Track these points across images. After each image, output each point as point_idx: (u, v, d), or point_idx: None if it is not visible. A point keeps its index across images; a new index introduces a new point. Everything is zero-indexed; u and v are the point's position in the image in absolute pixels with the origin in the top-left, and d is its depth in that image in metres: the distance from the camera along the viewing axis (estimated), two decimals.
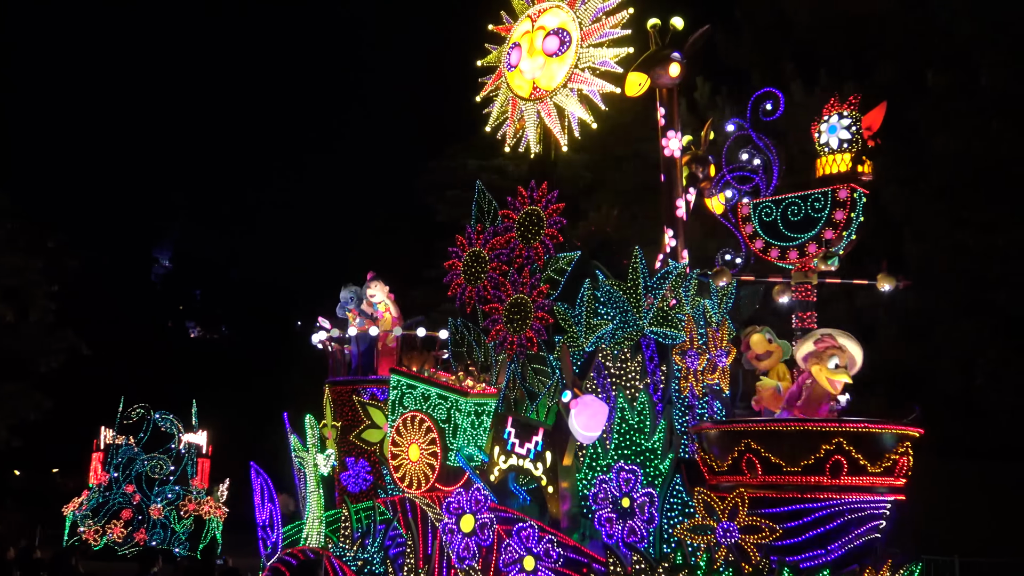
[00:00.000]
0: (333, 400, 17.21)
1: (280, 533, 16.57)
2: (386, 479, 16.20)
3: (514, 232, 15.58)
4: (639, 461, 13.50)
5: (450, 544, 14.17)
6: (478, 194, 16.34)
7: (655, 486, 13.27)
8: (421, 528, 14.79)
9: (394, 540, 15.03)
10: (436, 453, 15.08)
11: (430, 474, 15.11)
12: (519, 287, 15.34)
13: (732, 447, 12.51)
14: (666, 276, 13.94)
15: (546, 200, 15.33)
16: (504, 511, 13.97)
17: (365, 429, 16.86)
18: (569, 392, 13.50)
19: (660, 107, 14.58)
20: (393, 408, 15.82)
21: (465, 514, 14.12)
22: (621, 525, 13.21)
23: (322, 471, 16.22)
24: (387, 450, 16.57)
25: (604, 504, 13.43)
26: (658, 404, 13.81)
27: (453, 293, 16.18)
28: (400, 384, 15.74)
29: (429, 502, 14.86)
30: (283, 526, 16.99)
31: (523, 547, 13.44)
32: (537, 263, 15.31)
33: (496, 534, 13.81)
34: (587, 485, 14.03)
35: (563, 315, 14.80)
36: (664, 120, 14.47)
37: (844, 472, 12.07)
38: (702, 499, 12.46)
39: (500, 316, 15.45)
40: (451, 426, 15.02)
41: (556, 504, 13.67)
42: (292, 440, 16.75)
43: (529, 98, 16.46)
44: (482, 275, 15.83)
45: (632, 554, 12.60)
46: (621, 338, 14.20)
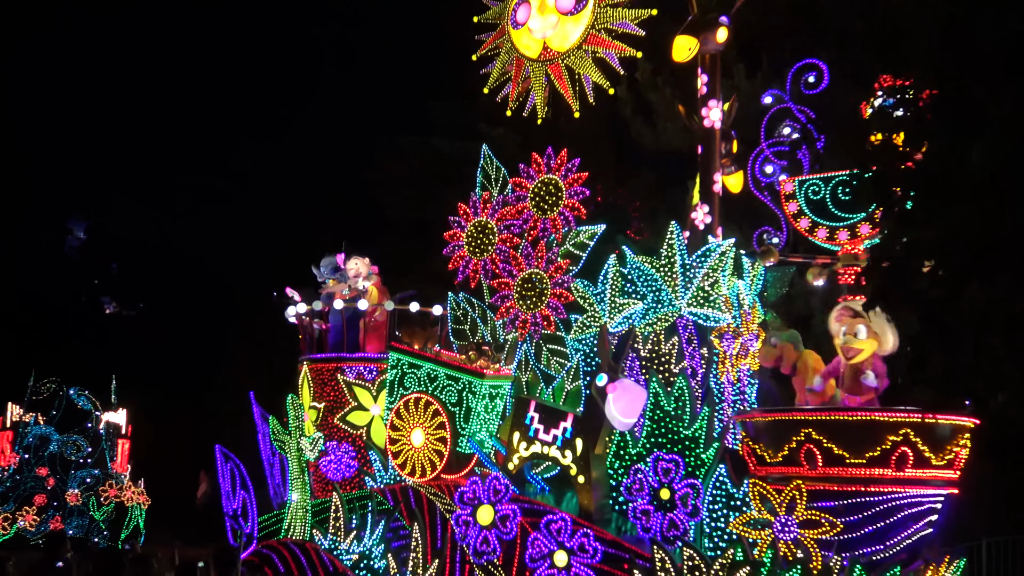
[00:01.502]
0: (312, 379, 16.07)
1: (256, 523, 15.40)
2: (375, 466, 15.20)
3: (528, 202, 14.73)
4: (677, 450, 12.88)
5: (465, 537, 13.32)
6: (484, 159, 15.46)
7: (696, 477, 12.67)
8: (428, 520, 13.88)
9: (396, 532, 14.06)
10: (445, 439, 14.18)
11: (437, 461, 14.21)
12: (533, 261, 14.52)
13: (788, 436, 12.00)
14: (707, 254, 13.32)
15: (565, 169, 14.52)
16: (530, 502, 13.18)
17: (350, 411, 15.79)
18: (605, 375, 12.77)
19: (702, 74, 13.93)
20: (391, 389, 14.83)
21: (482, 505, 13.29)
22: (660, 518, 12.58)
23: (308, 456, 15.09)
24: (375, 434, 15.61)
25: (640, 495, 12.79)
26: (698, 390, 13.18)
27: (455, 266, 15.26)
28: (401, 363, 14.76)
29: (437, 491, 13.94)
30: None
31: (553, 541, 12.71)
32: (555, 236, 14.51)
33: (520, 527, 13.02)
34: (615, 475, 13.36)
35: (583, 293, 14.07)
36: (706, 88, 13.82)
37: (909, 464, 11.70)
38: (758, 492, 11.93)
39: (511, 292, 14.61)
40: (462, 410, 14.12)
41: (588, 495, 12.95)
42: (271, 423, 15.56)
43: (538, 59, 15.62)
44: (489, 247, 14.96)
45: (684, 549, 11.96)
46: (654, 319, 13.54)
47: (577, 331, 14.10)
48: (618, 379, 12.77)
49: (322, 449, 15.22)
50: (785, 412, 12.31)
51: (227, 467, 15.89)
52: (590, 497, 12.99)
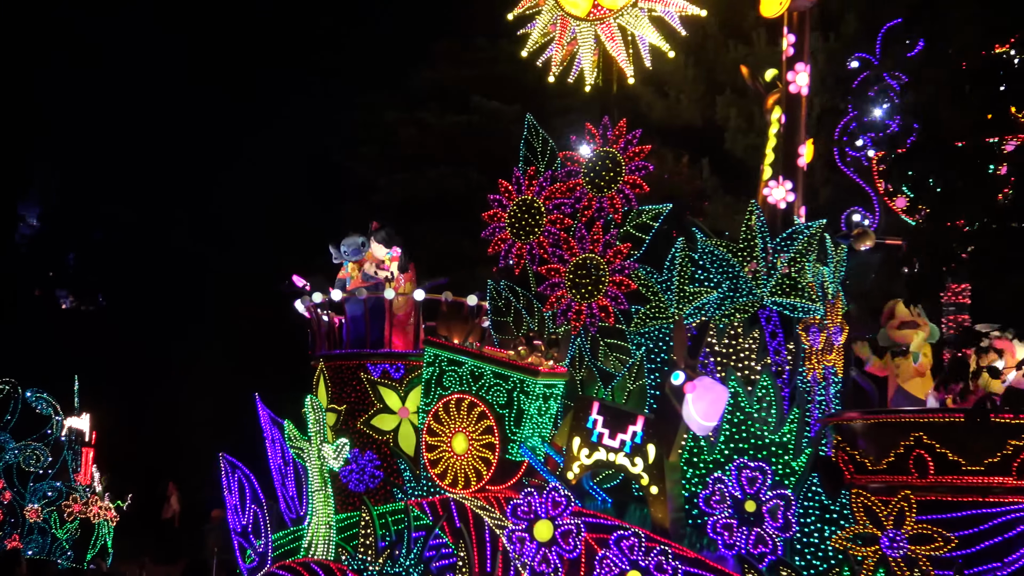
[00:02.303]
0: (331, 378, 15.61)
1: (270, 541, 14.92)
2: (404, 475, 14.78)
3: (581, 179, 14.37)
4: (762, 457, 12.59)
5: (520, 556, 12.95)
6: (528, 130, 15.07)
7: (786, 487, 12.38)
8: (475, 536, 13.49)
9: (437, 551, 13.64)
10: (493, 445, 13.78)
11: (483, 470, 13.81)
12: (588, 245, 14.17)
13: (895, 441, 11.74)
14: (794, 237, 13.02)
15: (625, 141, 14.17)
16: (595, 516, 12.83)
17: (375, 414, 15.36)
18: (681, 373, 12.43)
19: (788, 34, 13.62)
20: (428, 389, 14.41)
21: (540, 519, 12.93)
22: (745, 533, 12.30)
23: (331, 465, 14.64)
24: (403, 440, 15.20)
25: (721, 508, 12.51)
26: (784, 389, 12.89)
27: (495, 250, 14.87)
28: (439, 360, 14.34)
29: (485, 505, 13.55)
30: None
31: (625, 559, 12.38)
32: (613, 217, 14.16)
33: (585, 544, 12.68)
34: (687, 485, 13.07)
35: (646, 281, 13.75)
36: (793, 50, 13.51)
37: None
38: (861, 503, 11.66)
39: (562, 280, 14.25)
40: (513, 412, 13.74)
41: (663, 508, 12.63)
42: (287, 427, 15.08)
43: (586, 18, 15.29)
44: (536, 229, 14.59)
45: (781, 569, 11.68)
46: (731, 309, 13.24)
47: (639, 323, 13.79)
48: (697, 377, 12.42)
49: (348, 457, 14.75)
50: (891, 415, 12.04)
51: (234, 478, 15.38)
52: (665, 510, 12.68)
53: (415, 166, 34.05)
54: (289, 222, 35.80)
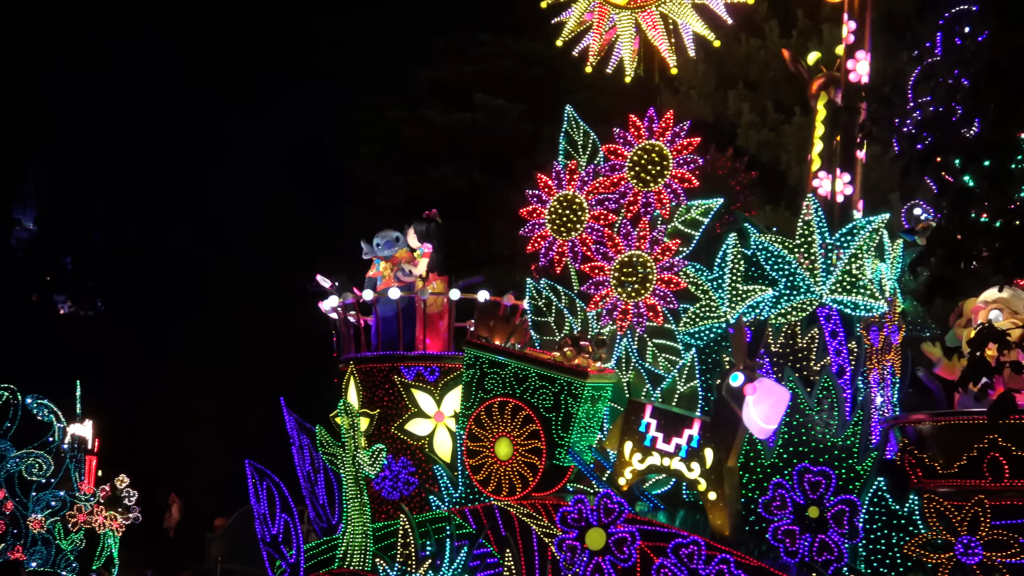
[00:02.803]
0: (362, 382, 15.20)
1: (301, 551, 14.51)
2: (440, 483, 14.39)
3: (625, 173, 14.02)
4: (824, 461, 12.25)
5: (572, 565, 12.58)
6: (568, 122, 14.73)
7: (850, 491, 12.05)
8: (522, 545, 13.12)
9: (482, 560, 13.27)
10: (539, 450, 13.41)
11: (529, 476, 13.43)
12: (634, 242, 13.83)
13: (968, 444, 11.41)
14: (854, 232, 12.69)
15: (672, 133, 13.84)
16: (650, 523, 12.48)
17: (409, 419, 14.97)
18: (740, 375, 12.08)
19: (848, 21, 13.30)
20: (468, 392, 14.02)
21: (592, 527, 12.57)
22: (808, 540, 11.96)
23: (367, 472, 14.24)
24: (439, 446, 14.84)
25: (782, 514, 12.17)
26: (845, 391, 12.56)
27: (535, 248, 14.51)
28: (480, 362, 13.96)
29: (532, 512, 13.18)
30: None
31: (684, 568, 12.03)
32: (660, 212, 13.83)
33: (640, 552, 12.32)
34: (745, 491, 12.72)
35: (695, 279, 13.42)
36: (853, 37, 13.19)
37: None
38: (934, 508, 11.35)
39: (607, 278, 13.91)
40: (560, 416, 13.36)
41: (722, 514, 12.27)
42: (319, 433, 14.67)
43: (626, 5, 14.97)
44: (578, 225, 14.24)
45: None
46: (788, 308, 12.91)
47: (688, 323, 13.46)
48: (757, 379, 12.09)
49: (384, 464, 14.36)
50: (963, 416, 11.71)
51: (262, 486, 14.95)
52: (724, 516, 12.32)
53: (418, 166, 33.74)
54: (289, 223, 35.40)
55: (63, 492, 22.40)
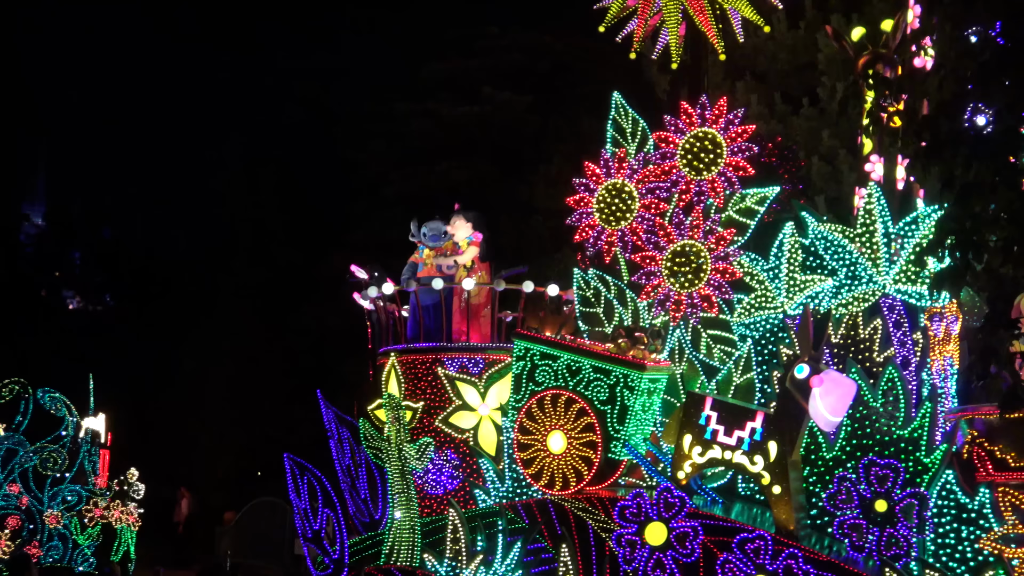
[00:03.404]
0: (404, 375, 14.84)
1: (346, 547, 14.14)
2: (486, 476, 14.05)
3: (677, 161, 13.71)
4: (889, 453, 11.98)
5: (631, 561, 12.27)
6: (616, 109, 14.40)
7: (918, 484, 11.78)
8: (578, 540, 12.79)
9: (536, 555, 12.94)
10: (594, 443, 13.08)
11: (584, 470, 13.12)
12: (686, 231, 13.53)
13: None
14: (919, 221, 12.43)
15: (726, 120, 13.53)
16: (713, 518, 12.18)
17: (454, 411, 14.63)
18: (806, 367, 11.79)
19: (914, 5, 13.01)
20: (518, 385, 13.69)
21: (652, 522, 12.25)
22: (876, 534, 11.69)
23: (414, 466, 13.89)
24: (483, 439, 14.51)
25: (848, 508, 11.90)
26: (911, 382, 12.29)
27: (583, 238, 14.19)
28: (531, 353, 13.62)
29: (587, 507, 12.86)
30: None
31: (750, 564, 11.73)
32: (714, 201, 13.53)
33: (703, 547, 12.02)
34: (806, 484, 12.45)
35: (750, 269, 13.15)
36: (919, 22, 12.90)
37: None
38: (1010, 502, 11.11)
39: (659, 268, 13.60)
40: (615, 408, 13.04)
41: (786, 508, 11.98)
42: (362, 426, 14.32)
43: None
44: (628, 215, 13.91)
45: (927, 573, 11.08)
46: (849, 299, 12.64)
47: (743, 314, 13.20)
48: (824, 371, 11.80)
49: (432, 457, 14.01)
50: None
51: (303, 480, 14.56)
52: (789, 510, 12.02)
53: (425, 158, 33.40)
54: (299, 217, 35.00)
55: (79, 486, 21.96)
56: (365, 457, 14.73)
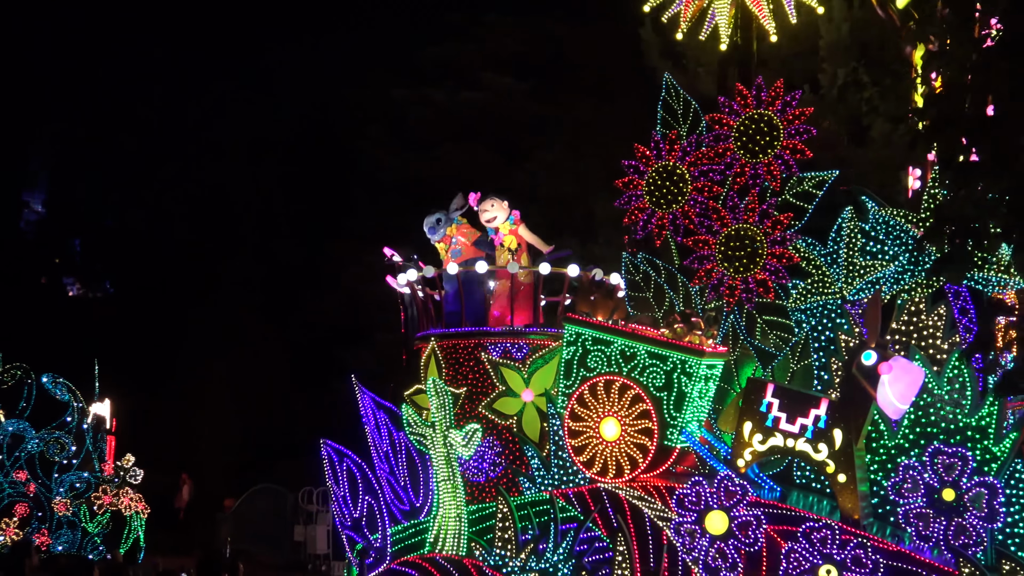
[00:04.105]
0: (445, 360, 14.41)
1: (388, 534, 13.71)
2: (533, 463, 13.64)
3: (731, 143, 13.35)
4: (955, 442, 11.69)
5: (691, 551, 11.92)
6: (667, 91, 14.01)
7: (986, 473, 11.49)
8: (634, 528, 12.42)
9: (590, 544, 12.57)
10: (650, 430, 12.71)
11: (638, 457, 12.74)
12: (741, 215, 13.17)
13: None
14: None
15: (782, 102, 13.17)
16: (776, 506, 11.87)
17: (498, 398, 14.21)
18: (874, 353, 11.49)
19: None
20: (568, 370, 13.29)
21: (712, 510, 11.91)
22: (943, 523, 11.40)
23: (461, 453, 13.47)
24: (528, 425, 14.12)
25: (914, 496, 11.60)
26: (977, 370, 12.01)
27: (632, 220, 13.79)
28: (582, 339, 13.22)
29: (643, 495, 12.50)
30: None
31: (817, 553, 11.41)
32: (771, 184, 13.18)
33: (767, 536, 11.70)
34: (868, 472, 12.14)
35: (807, 253, 12.82)
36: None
37: None
38: None
39: (712, 252, 13.24)
40: (672, 395, 12.67)
41: (852, 496, 11.69)
42: (405, 412, 13.88)
43: None
44: (680, 197, 13.54)
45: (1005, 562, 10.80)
46: (912, 284, 12.33)
47: (798, 299, 12.88)
48: (892, 357, 11.49)
49: (479, 445, 13.59)
50: None
51: (342, 467, 14.12)
52: (855, 499, 11.74)
53: (423, 145, 32.92)
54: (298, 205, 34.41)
55: (87, 473, 21.38)
56: (405, 443, 14.27)
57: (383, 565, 13.73)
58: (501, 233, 14.97)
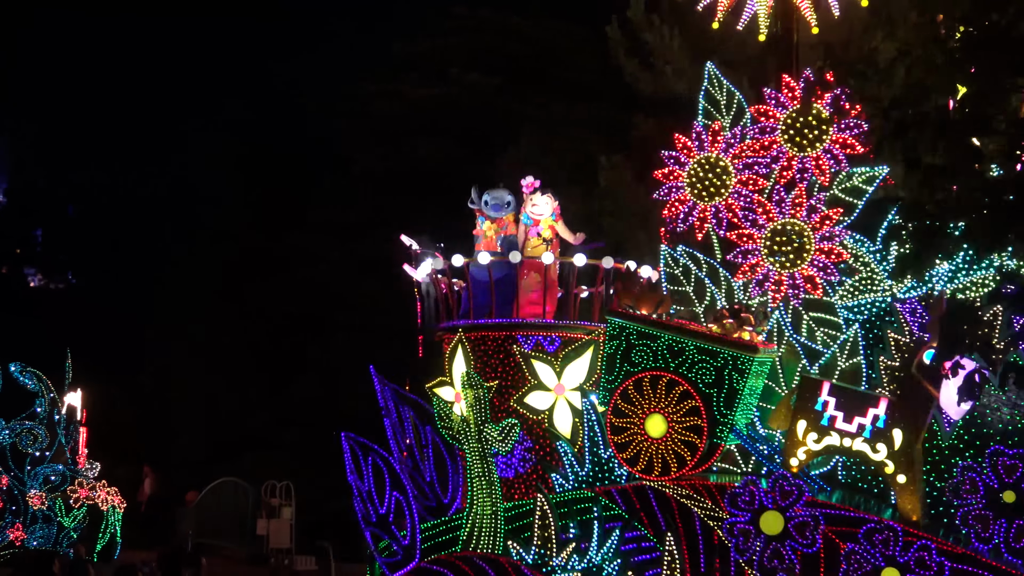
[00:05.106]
0: (474, 352, 13.79)
1: (417, 532, 13.07)
2: (564, 460, 13.09)
3: (778, 136, 12.95)
4: (1012, 443, 11.39)
5: (745, 551, 11.48)
6: (709, 81, 13.57)
7: None
8: (683, 528, 11.95)
9: (637, 543, 12.07)
10: (699, 427, 12.23)
11: (686, 455, 12.25)
12: (788, 209, 12.77)
13: None
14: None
15: (832, 95, 12.80)
16: (834, 507, 11.47)
17: (529, 391, 13.64)
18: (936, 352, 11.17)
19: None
20: (611, 365, 12.75)
21: (767, 510, 11.48)
22: (1003, 525, 11.10)
23: (497, 449, 12.87)
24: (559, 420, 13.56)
25: (973, 498, 11.28)
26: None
27: (673, 213, 13.33)
28: (626, 333, 12.69)
29: (691, 494, 12.03)
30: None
31: (878, 555, 11.04)
32: (819, 179, 12.80)
33: (825, 537, 11.30)
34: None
35: (855, 250, 12.48)
36: None
37: None
38: None
39: (757, 246, 12.82)
40: (723, 392, 12.21)
41: (912, 498, 11.35)
42: (436, 406, 13.24)
43: None
44: (722, 190, 13.10)
45: None
46: (967, 283, 12.04)
47: (845, 296, 12.53)
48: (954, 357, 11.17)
49: (516, 440, 12.99)
50: None
51: (367, 462, 13.42)
52: (915, 500, 11.40)
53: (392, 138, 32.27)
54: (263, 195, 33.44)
55: (60, 466, 20.32)
56: (432, 438, 13.61)
57: (412, 563, 13.07)
58: (541, 225, 14.40)
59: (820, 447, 11.83)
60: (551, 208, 14.49)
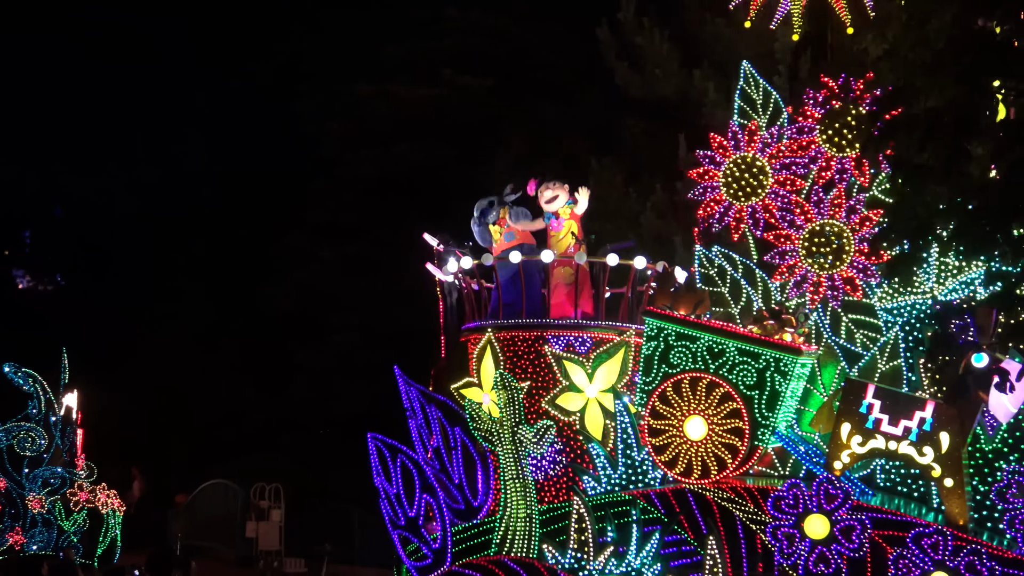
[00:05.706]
0: (504, 352, 13.50)
1: (449, 535, 12.75)
2: (596, 462, 12.80)
3: (816, 136, 12.76)
4: None
5: (789, 555, 11.27)
6: (745, 79, 13.36)
7: None
8: (724, 532, 11.71)
9: (678, 547, 11.82)
10: (740, 430, 12.00)
11: (727, 458, 12.02)
12: (827, 210, 12.58)
13: None
14: None
15: (873, 96, 12.63)
16: (880, 511, 11.27)
17: (561, 393, 13.36)
18: (985, 355, 11.00)
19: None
20: (648, 367, 12.49)
21: (812, 514, 11.28)
22: None
23: (532, 451, 12.58)
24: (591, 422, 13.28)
25: (1018, 501, 11.13)
26: None
27: (708, 213, 13.11)
28: (664, 333, 12.44)
29: (733, 497, 11.79)
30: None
31: (928, 560, 10.86)
32: (858, 180, 12.63)
33: (872, 541, 11.10)
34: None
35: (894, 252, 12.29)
36: None
37: None
38: None
39: (795, 247, 12.63)
40: (765, 394, 11.98)
41: (959, 501, 11.17)
42: (468, 407, 12.93)
43: None
44: (759, 190, 12.90)
45: None
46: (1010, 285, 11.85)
47: (885, 298, 12.36)
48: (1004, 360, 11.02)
49: (551, 442, 12.71)
50: None
51: (395, 464, 13.08)
52: (963, 504, 11.22)
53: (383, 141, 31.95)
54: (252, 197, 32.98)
55: (60, 468, 19.82)
56: (461, 439, 13.28)
57: (443, 567, 12.75)
58: (561, 218, 14.12)
59: (865, 450, 11.61)
60: (566, 195, 14.20)
